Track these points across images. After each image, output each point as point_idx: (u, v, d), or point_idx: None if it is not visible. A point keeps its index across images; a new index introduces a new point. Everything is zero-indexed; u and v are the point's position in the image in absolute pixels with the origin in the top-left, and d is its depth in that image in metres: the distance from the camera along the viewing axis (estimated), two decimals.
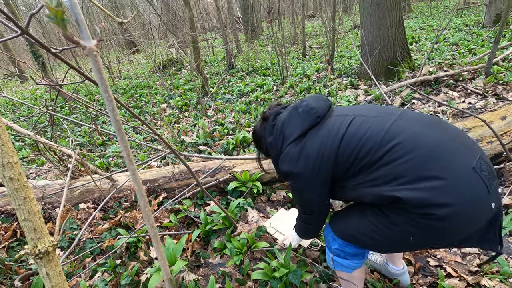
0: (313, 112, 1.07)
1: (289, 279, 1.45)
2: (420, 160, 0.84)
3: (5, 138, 0.42)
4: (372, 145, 0.91)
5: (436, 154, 0.84)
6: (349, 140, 0.96)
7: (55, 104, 2.18)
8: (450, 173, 0.82)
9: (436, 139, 0.87)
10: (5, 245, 1.92)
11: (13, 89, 10.29)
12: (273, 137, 1.19)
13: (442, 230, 0.84)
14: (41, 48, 0.91)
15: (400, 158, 0.86)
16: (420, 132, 0.89)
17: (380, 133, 0.91)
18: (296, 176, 1.07)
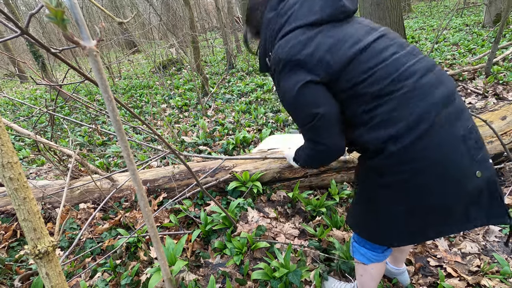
0: (340, 4, 0.89)
1: (289, 279, 1.45)
2: (422, 111, 0.82)
3: (4, 138, 0.42)
4: (387, 75, 0.84)
5: (437, 110, 0.82)
6: (371, 55, 0.85)
7: (55, 104, 2.18)
8: (438, 131, 0.82)
9: (439, 96, 0.84)
10: (5, 245, 1.92)
11: (13, 89, 10.29)
12: (275, 13, 0.95)
13: (418, 186, 0.85)
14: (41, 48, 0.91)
15: (410, 100, 0.83)
16: (433, 83, 0.85)
17: (400, 67, 0.85)
18: (296, 64, 0.87)
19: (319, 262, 1.65)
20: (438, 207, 0.87)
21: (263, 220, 1.95)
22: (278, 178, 2.20)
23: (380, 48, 0.87)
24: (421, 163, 0.83)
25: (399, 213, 0.91)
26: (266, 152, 2.23)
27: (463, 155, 0.83)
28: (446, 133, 0.82)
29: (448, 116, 0.83)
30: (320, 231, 1.80)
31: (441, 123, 0.82)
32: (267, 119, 3.91)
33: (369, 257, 1.12)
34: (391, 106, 0.83)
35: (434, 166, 0.82)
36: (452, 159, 0.82)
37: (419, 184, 0.85)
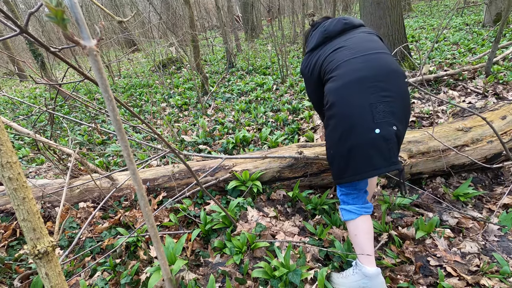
0: (325, 33, 1.51)
1: (289, 278, 1.45)
2: (338, 86, 1.35)
3: (3, 137, 0.42)
4: (331, 68, 1.41)
5: (350, 85, 1.31)
6: (329, 60, 1.43)
7: (54, 103, 2.17)
8: (349, 99, 1.31)
9: (361, 75, 1.31)
10: (5, 244, 1.92)
11: (12, 88, 10.27)
12: (307, 42, 1.72)
13: (334, 123, 1.36)
14: (40, 47, 0.90)
15: (334, 82, 1.37)
16: (355, 68, 1.32)
17: (337, 63, 1.38)
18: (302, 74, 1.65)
19: (319, 261, 1.65)
20: (349, 149, 1.31)
21: (263, 219, 1.95)
22: (278, 177, 2.20)
23: (336, 53, 1.43)
24: (340, 118, 1.34)
25: (329, 153, 1.44)
26: (266, 152, 2.23)
27: (365, 116, 1.26)
28: (355, 99, 1.28)
29: (360, 89, 1.28)
30: (320, 230, 1.80)
31: (353, 92, 1.30)
32: (267, 118, 3.91)
33: (354, 211, 1.41)
34: (330, 83, 1.41)
35: (346, 122, 1.31)
36: (356, 121, 1.29)
37: (339, 131, 1.33)
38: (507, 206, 1.89)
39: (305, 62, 1.59)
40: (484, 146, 2.07)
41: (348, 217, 1.43)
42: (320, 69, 1.46)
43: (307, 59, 1.58)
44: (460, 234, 1.76)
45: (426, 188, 2.16)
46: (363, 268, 1.35)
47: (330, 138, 1.40)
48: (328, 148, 1.45)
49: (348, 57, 1.35)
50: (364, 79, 1.28)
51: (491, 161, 2.09)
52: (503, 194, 1.96)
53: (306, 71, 1.57)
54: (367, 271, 1.33)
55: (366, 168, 1.30)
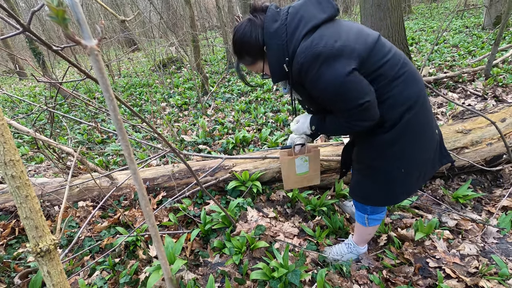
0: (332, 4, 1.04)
1: (289, 278, 1.45)
2: (419, 92, 1.11)
3: (7, 136, 0.42)
4: (397, 62, 1.06)
5: (424, 90, 1.15)
6: (380, 48, 1.03)
7: (54, 102, 2.17)
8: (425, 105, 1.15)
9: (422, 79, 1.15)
10: (4, 243, 1.92)
11: (12, 86, 10.25)
12: (279, 22, 1.03)
13: (418, 146, 1.16)
14: (42, 45, 0.90)
15: (411, 83, 1.09)
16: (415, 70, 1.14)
17: (400, 56, 1.09)
18: (337, 55, 0.96)
19: (318, 264, 1.65)
20: (426, 159, 1.20)
21: (263, 219, 1.95)
22: (277, 177, 2.20)
23: (383, 41, 1.08)
24: (418, 128, 1.12)
25: (399, 174, 1.18)
26: (266, 152, 2.23)
27: (432, 120, 1.19)
28: (428, 106, 1.15)
29: (425, 94, 1.15)
30: (318, 232, 1.81)
31: (425, 99, 1.14)
32: (267, 118, 3.91)
33: (381, 218, 1.45)
34: (401, 87, 1.06)
35: (424, 131, 1.15)
36: (430, 124, 1.17)
37: (418, 144, 1.15)
38: (506, 208, 1.89)
39: (324, 37, 0.97)
40: (483, 148, 2.07)
41: (374, 224, 1.47)
42: (369, 52, 1.00)
43: (326, 32, 0.99)
44: (459, 236, 1.76)
45: (426, 189, 2.16)
46: (359, 249, 1.63)
47: (405, 153, 1.14)
48: (391, 169, 1.18)
49: (401, 56, 1.09)
50: (421, 81, 1.14)
51: (491, 163, 2.10)
52: (502, 197, 1.96)
53: (339, 47, 0.96)
54: (361, 251, 1.65)
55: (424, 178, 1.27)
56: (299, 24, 1.01)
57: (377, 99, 1.05)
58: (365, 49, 0.99)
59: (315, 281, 1.50)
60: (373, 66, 1.02)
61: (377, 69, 1.02)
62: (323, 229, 1.90)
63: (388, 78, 1.04)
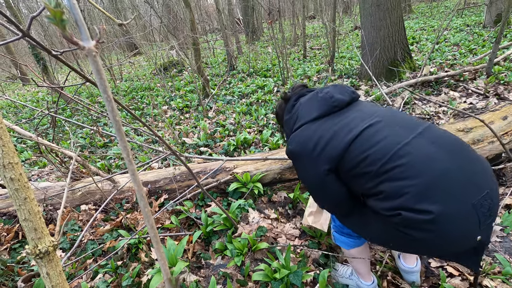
0: (332, 101, 1.11)
1: (290, 279, 1.45)
2: (420, 188, 0.85)
3: (5, 139, 0.42)
4: (381, 157, 0.91)
5: (439, 183, 0.84)
6: (361, 142, 0.97)
7: (56, 106, 2.19)
8: (445, 207, 0.82)
9: (445, 166, 0.86)
10: (7, 247, 1.93)
11: (15, 92, 10.34)
12: (289, 116, 1.28)
13: (419, 246, 0.92)
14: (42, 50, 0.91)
15: (404, 179, 0.87)
16: (432, 156, 0.88)
17: (393, 147, 0.91)
18: (299, 157, 1.11)
19: (320, 264, 1.65)
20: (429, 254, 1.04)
21: (264, 221, 1.95)
22: (279, 179, 2.20)
23: (371, 132, 0.97)
24: (426, 233, 0.85)
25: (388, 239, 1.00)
26: (267, 154, 2.24)
27: (469, 226, 0.84)
28: (453, 206, 0.83)
29: (453, 186, 0.84)
30: (319, 233, 1.80)
31: (447, 193, 0.83)
32: (267, 120, 3.92)
33: (348, 244, 1.31)
34: (392, 182, 0.89)
35: (437, 238, 0.85)
36: (457, 232, 0.84)
37: (418, 244, 0.90)
38: (509, 207, 1.88)
39: (300, 137, 1.10)
40: (485, 147, 2.06)
41: (340, 244, 1.37)
42: (344, 151, 0.98)
43: (303, 132, 1.10)
44: None
45: None
46: (359, 281, 1.42)
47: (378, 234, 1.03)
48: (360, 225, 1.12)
49: (404, 137, 0.92)
50: (450, 170, 0.86)
51: (493, 162, 2.09)
52: (505, 195, 1.95)
53: (309, 149, 1.05)
54: (361, 285, 1.40)
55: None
56: (296, 121, 1.21)
57: (365, 193, 1.00)
58: (337, 150, 0.99)
59: (317, 282, 1.49)
60: (349, 164, 0.98)
61: (353, 167, 0.97)
62: None
63: (370, 174, 0.93)
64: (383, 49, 4.30)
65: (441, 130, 0.99)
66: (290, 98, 1.34)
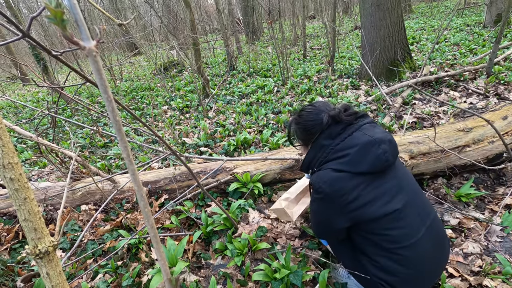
0: (386, 164, 1.07)
1: (290, 279, 1.45)
2: (409, 278, 1.09)
3: (5, 139, 0.42)
4: (396, 241, 1.08)
5: (420, 279, 1.12)
6: (389, 220, 1.07)
7: (56, 107, 2.19)
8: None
9: (431, 268, 1.13)
10: (8, 247, 1.93)
11: (15, 92, 10.35)
12: (331, 142, 1.15)
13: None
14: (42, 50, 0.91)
15: (402, 266, 1.09)
16: (426, 256, 1.11)
17: (408, 239, 1.08)
18: (326, 198, 1.10)
19: (320, 264, 1.65)
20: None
21: (264, 221, 1.95)
22: (279, 179, 2.20)
23: (399, 216, 1.07)
24: None
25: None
26: (267, 154, 2.23)
27: None
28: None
29: (427, 281, 1.15)
30: None
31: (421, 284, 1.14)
32: (268, 120, 3.92)
33: None
34: (392, 262, 1.09)
35: None
36: None
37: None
38: (510, 207, 1.88)
39: (339, 183, 1.07)
40: (485, 147, 2.06)
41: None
42: (374, 220, 1.07)
43: (343, 181, 1.07)
44: (462, 234, 1.75)
45: (428, 189, 2.15)
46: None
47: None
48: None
49: (419, 231, 1.09)
50: (431, 273, 1.14)
51: (493, 161, 2.09)
52: (506, 195, 1.95)
53: (342, 199, 1.06)
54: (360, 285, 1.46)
55: None
56: (339, 158, 1.12)
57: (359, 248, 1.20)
58: (370, 216, 1.07)
59: (317, 282, 1.49)
60: (368, 228, 1.11)
61: (370, 232, 1.11)
62: None
63: (378, 245, 1.11)
64: (383, 49, 4.29)
65: (440, 223, 1.19)
66: (340, 120, 1.16)
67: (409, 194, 1.12)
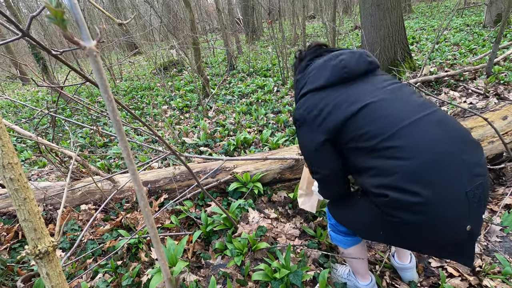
0: (344, 71, 1.03)
1: (290, 279, 1.45)
2: (413, 169, 0.84)
3: (5, 139, 0.42)
4: (381, 133, 0.90)
5: (435, 166, 0.84)
6: (363, 116, 0.94)
7: (56, 106, 2.19)
8: (436, 191, 0.82)
9: (446, 148, 0.86)
10: (7, 247, 1.93)
11: (15, 91, 10.34)
12: (300, 75, 1.20)
13: (408, 234, 0.89)
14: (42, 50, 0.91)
15: (399, 159, 0.87)
16: (434, 137, 0.88)
17: (395, 125, 0.90)
18: (302, 124, 1.08)
19: (320, 264, 1.65)
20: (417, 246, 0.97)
21: (264, 220, 1.95)
22: (278, 179, 2.20)
23: (375, 108, 0.94)
24: (415, 216, 0.85)
25: (376, 229, 1.00)
26: (267, 153, 2.23)
27: (460, 213, 0.83)
28: (446, 191, 0.82)
29: (449, 171, 0.84)
30: (319, 232, 1.80)
31: (441, 177, 0.83)
32: (267, 120, 3.92)
33: (345, 243, 1.29)
34: (386, 160, 0.89)
35: (426, 223, 0.84)
36: (448, 218, 0.83)
37: (407, 229, 0.88)
38: (509, 207, 1.88)
39: (305, 104, 1.07)
40: (485, 147, 2.06)
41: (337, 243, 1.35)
42: (343, 124, 0.97)
43: (309, 100, 1.07)
44: None
45: None
46: (356, 282, 1.41)
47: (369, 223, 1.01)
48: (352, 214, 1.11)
49: (408, 117, 0.90)
50: (450, 155, 0.86)
51: (493, 161, 2.09)
52: (505, 195, 1.95)
53: (311, 117, 1.03)
54: (358, 285, 1.40)
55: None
56: (304, 85, 1.14)
57: (356, 168, 1.00)
58: (335, 122, 0.98)
59: (317, 282, 1.49)
60: (347, 137, 0.98)
61: (351, 140, 0.97)
62: (325, 230, 1.89)
63: (366, 149, 0.93)
64: (383, 49, 4.29)
65: (445, 115, 0.96)
66: (304, 57, 1.24)
67: (391, 91, 1.00)
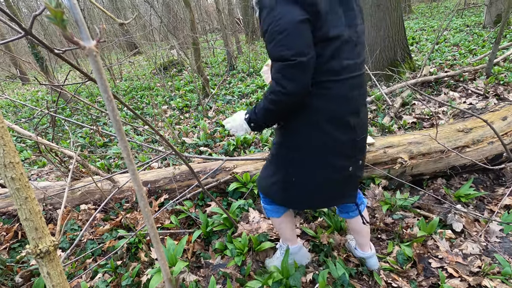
0: None
1: (289, 282, 1.45)
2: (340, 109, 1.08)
3: (6, 138, 0.42)
4: (342, 60, 1.01)
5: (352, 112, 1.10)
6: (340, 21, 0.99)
7: (56, 106, 2.19)
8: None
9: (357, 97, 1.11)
10: (7, 246, 1.93)
11: (14, 91, 10.33)
12: None
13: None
14: (44, 49, 0.91)
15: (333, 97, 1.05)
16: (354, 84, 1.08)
17: (349, 63, 1.04)
18: (275, 4, 0.92)
19: (320, 265, 1.65)
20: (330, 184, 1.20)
21: (264, 221, 1.95)
22: None
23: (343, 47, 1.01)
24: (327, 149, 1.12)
25: (290, 181, 1.20)
26: (266, 153, 2.23)
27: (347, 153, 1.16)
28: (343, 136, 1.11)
29: (352, 121, 1.11)
30: (320, 232, 1.80)
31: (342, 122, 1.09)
32: None
33: (277, 211, 1.42)
34: (328, 91, 1.04)
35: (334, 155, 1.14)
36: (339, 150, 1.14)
37: (320, 164, 1.15)
38: (509, 207, 1.88)
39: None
40: (485, 147, 2.06)
41: (273, 215, 1.46)
42: (321, 23, 0.93)
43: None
44: (461, 235, 1.75)
45: (427, 189, 2.15)
46: (289, 247, 1.55)
47: (296, 166, 1.18)
48: (285, 173, 1.21)
49: (350, 71, 1.04)
50: (351, 114, 1.09)
51: (492, 162, 2.09)
52: (505, 195, 1.94)
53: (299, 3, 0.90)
54: (291, 248, 1.55)
55: (324, 202, 1.31)
56: None
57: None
58: (325, 9, 0.92)
59: (317, 282, 1.50)
60: (319, 38, 0.94)
61: (319, 42, 0.95)
62: (325, 230, 1.89)
63: (322, 61, 0.98)
64: (383, 49, 4.30)
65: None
66: None
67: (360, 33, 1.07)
